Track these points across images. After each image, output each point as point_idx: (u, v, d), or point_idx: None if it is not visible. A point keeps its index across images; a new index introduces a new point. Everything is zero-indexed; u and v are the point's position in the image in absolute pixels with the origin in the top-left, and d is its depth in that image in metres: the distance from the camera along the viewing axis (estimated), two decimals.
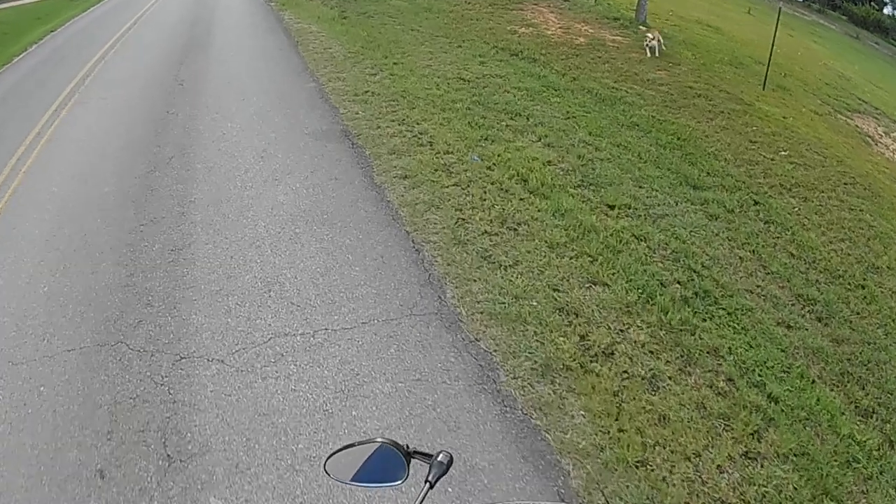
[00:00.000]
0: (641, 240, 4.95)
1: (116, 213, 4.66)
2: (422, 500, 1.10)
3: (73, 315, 3.57)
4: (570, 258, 4.31)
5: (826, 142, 8.13)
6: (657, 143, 6.80)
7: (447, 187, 5.01)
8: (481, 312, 3.52)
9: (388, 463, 1.18)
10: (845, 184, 6.87)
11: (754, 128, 7.65)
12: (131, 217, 4.56)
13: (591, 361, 3.22)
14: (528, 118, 7.02)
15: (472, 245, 4.19)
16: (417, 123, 6.42)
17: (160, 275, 3.87)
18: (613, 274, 4.32)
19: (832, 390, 3.66)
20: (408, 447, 1.18)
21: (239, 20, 13.19)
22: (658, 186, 5.84)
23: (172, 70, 8.90)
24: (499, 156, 5.81)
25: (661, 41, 10.36)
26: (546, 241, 4.49)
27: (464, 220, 4.55)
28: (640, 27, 11.77)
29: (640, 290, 4.16)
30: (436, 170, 5.25)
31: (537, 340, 3.34)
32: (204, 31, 11.87)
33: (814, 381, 3.65)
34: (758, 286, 4.65)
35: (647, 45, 10.36)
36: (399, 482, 1.18)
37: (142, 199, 4.86)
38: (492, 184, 5.15)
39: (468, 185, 5.05)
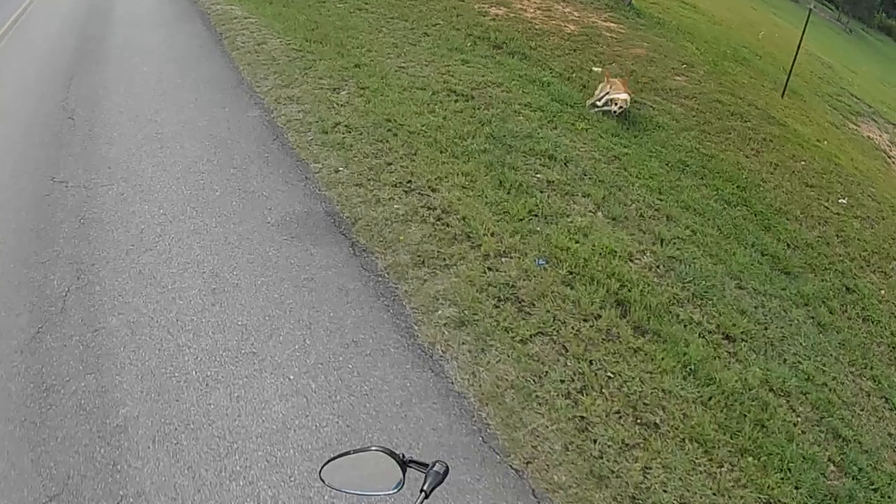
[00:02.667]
0: (780, 394, 3.69)
1: None
2: None
3: None
4: (731, 465, 2.99)
5: (865, 171, 7.26)
6: (721, 198, 5.47)
7: (529, 340, 3.23)
8: None
9: (383, 471, 1.14)
10: None
11: (802, 162, 6.57)
12: None
13: None
14: (566, 163, 5.42)
15: (616, 481, 2.68)
16: (432, 189, 4.61)
17: None
18: (781, 478, 3.09)
19: None
20: (403, 456, 1.14)
21: (143, 5, 9.63)
22: (756, 281, 4.53)
23: (59, 93, 6.02)
24: (566, 250, 4.02)
25: (628, 101, 6.41)
26: (695, 440, 3.11)
27: (585, 423, 2.89)
28: (595, 70, 7.61)
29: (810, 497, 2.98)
30: (497, 301, 3.54)
31: None
32: (100, 27, 8.44)
33: None
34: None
35: (606, 106, 6.47)
36: (394, 491, 1.15)
37: None
38: (583, 320, 3.59)
39: (555, 331, 3.41)
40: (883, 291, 5.06)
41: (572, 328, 3.46)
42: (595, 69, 6.90)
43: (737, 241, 4.97)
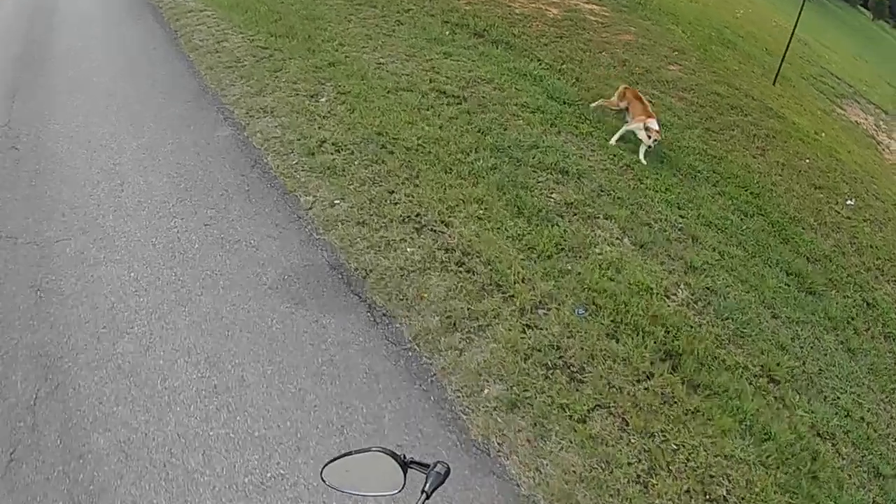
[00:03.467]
0: (826, 437, 3.47)
1: None
2: None
3: None
4: None
5: (864, 165, 7.15)
6: (737, 208, 5.15)
7: (587, 416, 2.84)
8: None
9: (384, 472, 1.14)
10: None
11: (807, 160, 6.36)
12: None
13: None
14: (579, 177, 4.96)
15: None
16: (445, 223, 4.06)
17: None
18: None
19: None
20: (404, 457, 1.14)
21: (90, 4, 8.19)
22: (788, 308, 4.26)
23: (1, 115, 4.98)
24: (603, 293, 3.64)
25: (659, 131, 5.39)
26: None
27: None
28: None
29: None
30: (547, 370, 3.04)
31: None
32: (45, 29, 7.15)
33: None
34: None
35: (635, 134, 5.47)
36: (395, 492, 1.14)
37: None
38: (637, 381, 3.16)
39: (612, 401, 2.92)
40: None
41: (629, 394, 3.10)
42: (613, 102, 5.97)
43: (762, 259, 4.72)
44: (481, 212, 4.23)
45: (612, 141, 5.60)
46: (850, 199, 5.82)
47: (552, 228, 4.18)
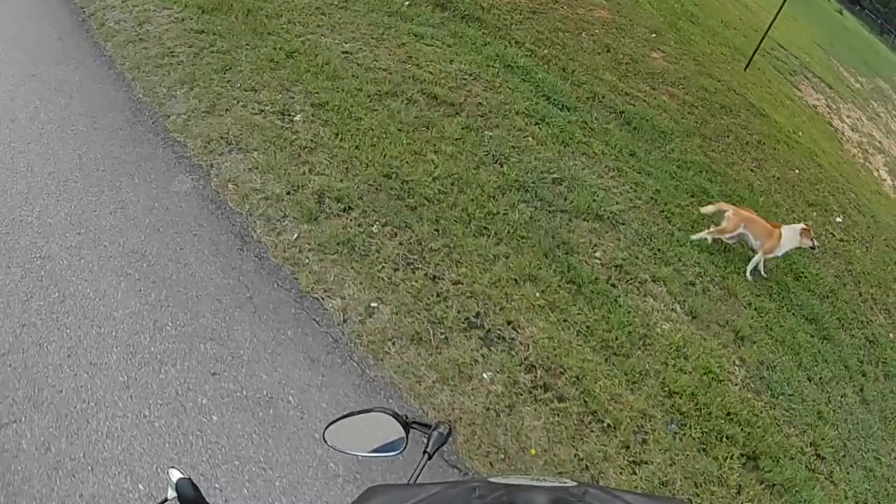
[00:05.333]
0: None
1: None
2: (420, 471, 1.09)
3: None
4: None
5: (838, 166, 7.33)
6: None
7: None
8: None
9: (386, 433, 1.13)
10: None
11: (796, 169, 6.26)
12: None
13: None
14: (615, 225, 4.36)
15: None
16: (510, 324, 3.07)
17: None
18: None
19: None
20: (406, 417, 1.14)
21: None
22: (818, 366, 4.21)
23: None
24: (682, 395, 3.30)
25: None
26: None
27: None
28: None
29: None
30: None
31: None
32: None
33: None
34: None
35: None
36: (397, 452, 1.14)
37: None
38: (734, 501, 2.87)
39: None
40: (892, 335, 5.17)
41: None
42: (707, 209, 4.74)
43: (786, 307, 4.63)
44: (540, 296, 3.55)
45: (749, 275, 4.63)
46: (839, 216, 5.89)
47: (615, 310, 3.66)
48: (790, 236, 4.50)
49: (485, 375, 3.00)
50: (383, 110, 4.61)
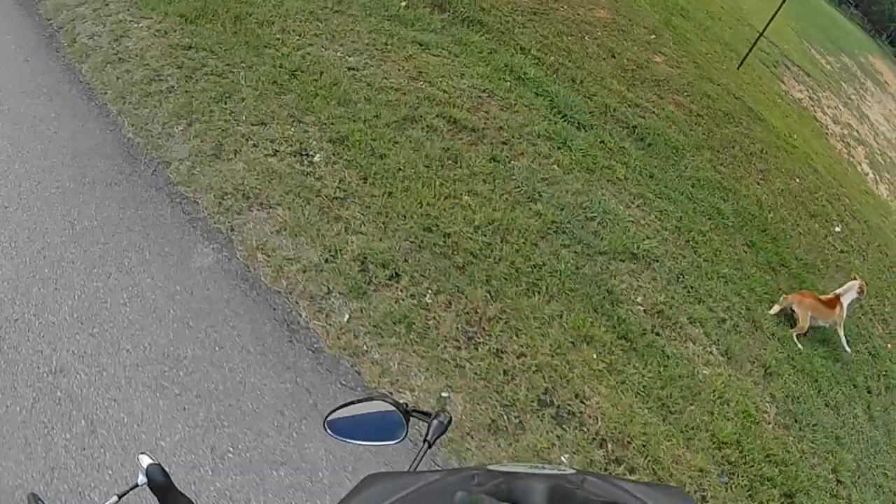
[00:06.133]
0: None
1: None
2: (420, 459, 1.09)
3: None
4: None
5: (830, 168, 7.46)
6: (766, 261, 4.90)
7: None
8: None
9: (386, 421, 1.13)
10: None
11: (797, 178, 6.30)
12: None
13: None
14: (649, 263, 4.18)
15: None
16: (577, 396, 2.88)
17: None
18: None
19: None
20: (406, 405, 1.13)
21: None
22: (834, 390, 4.37)
23: None
24: (730, 445, 3.31)
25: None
26: None
27: None
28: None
29: None
30: None
31: None
32: None
33: None
34: None
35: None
36: (397, 440, 1.14)
37: None
38: None
39: None
40: (890, 346, 5.37)
41: None
42: (774, 310, 4.68)
43: (818, 353, 4.70)
44: (597, 358, 3.39)
45: (848, 349, 4.79)
46: (837, 226, 6.00)
47: (664, 361, 3.61)
48: (849, 299, 4.73)
49: (563, 458, 2.82)
50: (406, 142, 4.20)
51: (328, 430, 1.16)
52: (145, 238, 3.13)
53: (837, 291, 4.69)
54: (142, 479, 0.88)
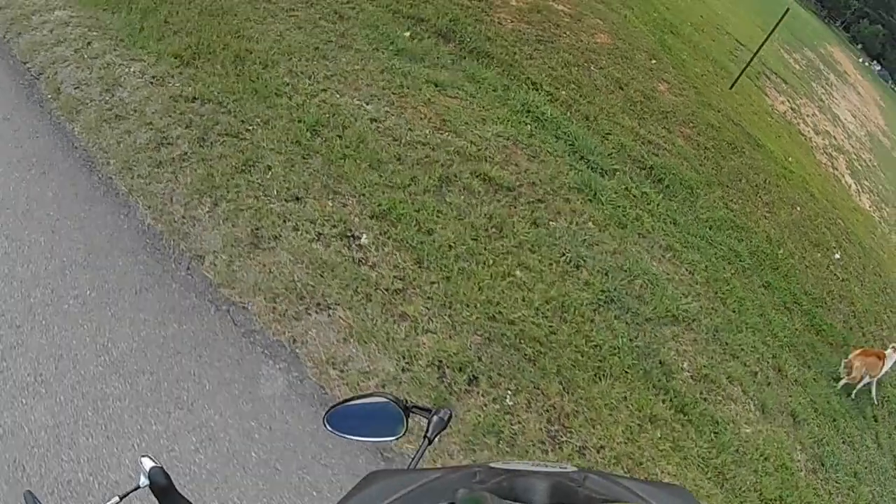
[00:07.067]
0: None
1: None
2: (420, 455, 1.09)
3: None
4: None
5: (822, 190, 7.75)
6: (781, 302, 5.06)
7: None
8: None
9: (386, 418, 1.14)
10: None
11: (798, 207, 6.52)
12: None
13: None
14: (690, 322, 4.18)
15: None
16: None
17: None
18: None
19: None
20: (406, 402, 1.14)
21: None
22: (850, 427, 4.66)
23: None
24: (777, 500, 3.49)
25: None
26: None
27: None
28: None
29: None
30: None
31: None
32: None
33: None
34: None
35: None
36: (397, 437, 1.15)
37: None
38: None
39: None
40: None
41: None
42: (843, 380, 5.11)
43: (820, 373, 4.95)
44: (662, 437, 3.42)
45: (875, 400, 5.27)
46: (837, 253, 6.25)
47: (715, 429, 3.73)
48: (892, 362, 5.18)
49: None
50: (448, 211, 3.98)
51: (327, 426, 1.14)
52: (199, 363, 2.78)
53: (886, 352, 5.19)
54: (143, 480, 0.87)
